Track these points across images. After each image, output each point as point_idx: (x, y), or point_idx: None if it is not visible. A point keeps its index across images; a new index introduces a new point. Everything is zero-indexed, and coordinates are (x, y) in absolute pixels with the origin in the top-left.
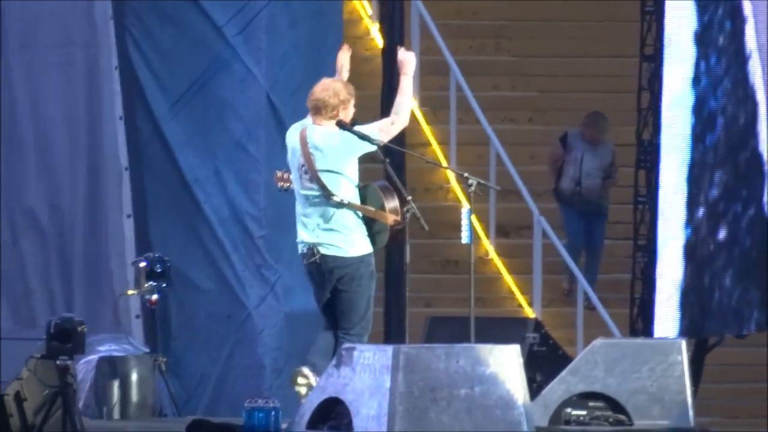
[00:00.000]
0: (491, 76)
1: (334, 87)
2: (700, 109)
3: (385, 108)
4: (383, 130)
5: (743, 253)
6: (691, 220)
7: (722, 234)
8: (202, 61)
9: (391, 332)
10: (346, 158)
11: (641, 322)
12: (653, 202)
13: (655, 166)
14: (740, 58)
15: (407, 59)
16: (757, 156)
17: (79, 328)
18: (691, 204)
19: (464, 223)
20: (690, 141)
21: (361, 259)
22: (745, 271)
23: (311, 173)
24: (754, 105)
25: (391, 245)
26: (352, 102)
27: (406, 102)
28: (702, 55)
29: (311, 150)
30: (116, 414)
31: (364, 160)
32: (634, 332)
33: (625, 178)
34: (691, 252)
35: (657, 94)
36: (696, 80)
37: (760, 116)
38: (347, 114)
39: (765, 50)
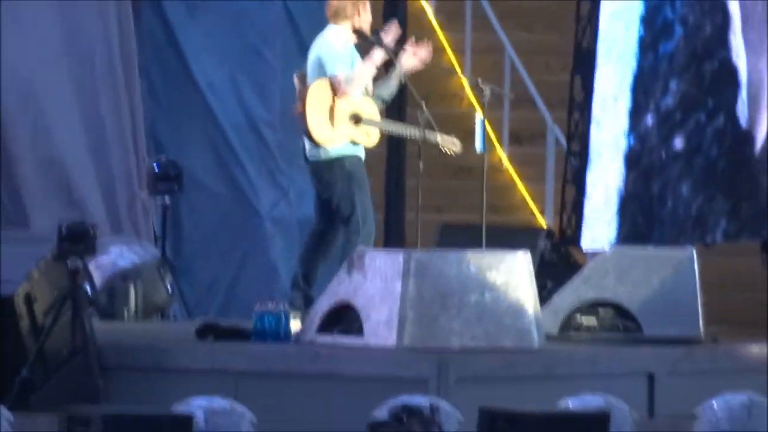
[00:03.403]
0: None
1: None
2: (651, 18)
3: (386, 17)
4: (335, 81)
5: (708, 163)
6: (634, 129)
7: (679, 143)
8: None
9: (391, 239)
10: (315, 61)
11: (570, 227)
12: (587, 109)
13: (590, 74)
14: None
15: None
16: (729, 66)
17: (91, 231)
18: (636, 112)
19: (478, 130)
20: (637, 50)
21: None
22: (710, 181)
23: None
24: (725, 15)
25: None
26: (368, 5)
27: (361, 78)
28: None
29: None
30: (127, 317)
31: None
32: (563, 237)
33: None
34: (634, 160)
35: (596, 2)
36: None
37: (732, 27)
38: (365, 16)
39: None
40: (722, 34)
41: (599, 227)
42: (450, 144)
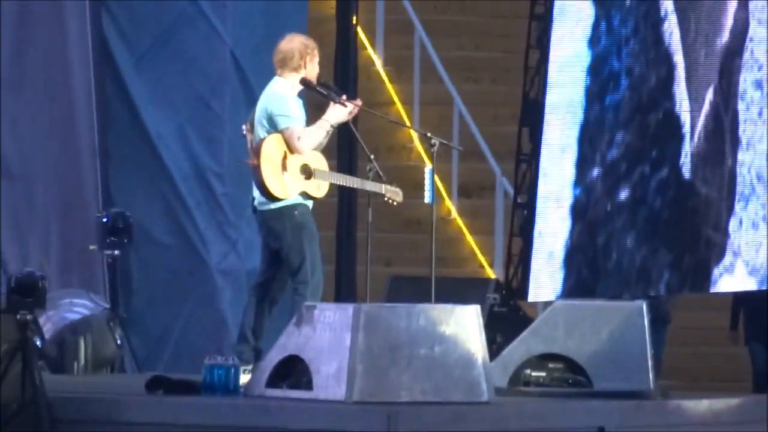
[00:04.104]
0: (456, 37)
1: (298, 39)
2: (598, 69)
3: (338, 68)
4: (288, 135)
5: (652, 215)
6: (581, 180)
7: (623, 195)
8: (167, 17)
9: (342, 292)
10: (263, 114)
11: (517, 280)
12: (535, 161)
13: (539, 125)
14: (652, 19)
15: (341, 109)
16: (673, 117)
17: (40, 283)
18: (582, 164)
19: (427, 183)
20: (583, 101)
21: (281, 212)
22: (654, 232)
23: None
24: (670, 67)
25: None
26: (317, 57)
27: (314, 137)
28: (602, 15)
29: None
30: (77, 370)
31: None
32: (509, 289)
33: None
34: (580, 212)
35: (545, 52)
36: (594, 40)
37: (677, 78)
38: (313, 68)
39: (689, 11)
40: (667, 85)
41: (545, 280)
42: (393, 194)
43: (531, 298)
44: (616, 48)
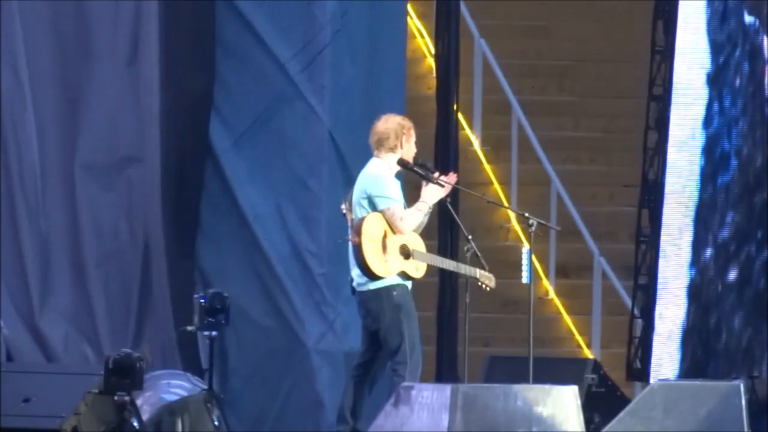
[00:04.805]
0: (553, 117)
1: (394, 120)
2: (711, 150)
3: (438, 149)
4: (390, 216)
5: (756, 295)
6: (696, 261)
7: (732, 275)
8: (265, 97)
9: (443, 372)
10: (362, 194)
11: (639, 362)
12: (655, 242)
13: (659, 206)
14: (759, 99)
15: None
16: None
17: (138, 364)
18: (698, 245)
19: (524, 263)
20: (698, 182)
21: (379, 293)
22: (758, 313)
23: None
24: None
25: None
26: (413, 136)
27: (415, 217)
28: (715, 96)
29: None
30: None
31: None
32: (630, 372)
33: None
34: (695, 293)
35: (664, 134)
36: (707, 121)
37: None
38: (409, 148)
39: None
40: None
41: (665, 361)
42: (486, 279)
43: (653, 380)
44: (726, 129)
